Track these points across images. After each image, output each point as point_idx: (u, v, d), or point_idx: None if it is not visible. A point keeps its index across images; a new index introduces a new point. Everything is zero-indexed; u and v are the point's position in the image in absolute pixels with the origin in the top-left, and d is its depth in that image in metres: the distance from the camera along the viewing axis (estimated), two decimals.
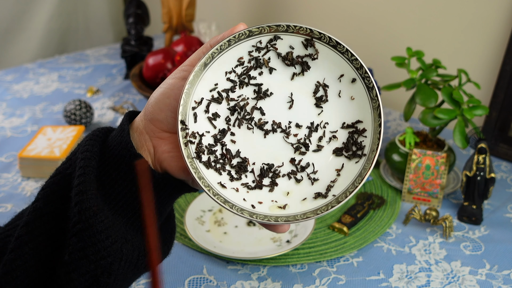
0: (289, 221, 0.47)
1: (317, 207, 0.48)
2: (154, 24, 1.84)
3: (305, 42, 0.50)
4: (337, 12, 1.39)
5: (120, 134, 0.50)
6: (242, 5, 1.66)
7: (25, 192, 0.96)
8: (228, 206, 0.47)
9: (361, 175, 0.48)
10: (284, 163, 0.51)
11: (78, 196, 0.45)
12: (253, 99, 0.51)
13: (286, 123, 0.51)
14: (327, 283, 0.75)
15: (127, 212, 0.49)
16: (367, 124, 0.50)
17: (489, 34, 1.13)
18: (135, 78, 1.21)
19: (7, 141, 1.13)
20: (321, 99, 0.51)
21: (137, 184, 0.48)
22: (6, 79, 1.45)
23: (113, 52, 1.68)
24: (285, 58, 0.51)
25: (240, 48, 0.50)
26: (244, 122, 0.51)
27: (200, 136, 0.49)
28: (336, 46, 0.49)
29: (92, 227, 0.45)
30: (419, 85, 0.92)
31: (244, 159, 0.51)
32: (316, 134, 0.51)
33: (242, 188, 0.50)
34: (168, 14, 1.46)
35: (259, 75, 0.51)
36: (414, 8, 1.24)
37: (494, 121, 1.08)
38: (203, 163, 0.49)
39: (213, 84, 0.50)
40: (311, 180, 0.50)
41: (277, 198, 0.50)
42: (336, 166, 0.50)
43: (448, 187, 0.97)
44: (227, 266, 0.78)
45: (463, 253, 0.81)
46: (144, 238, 0.50)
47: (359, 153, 0.50)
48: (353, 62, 0.49)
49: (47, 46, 1.87)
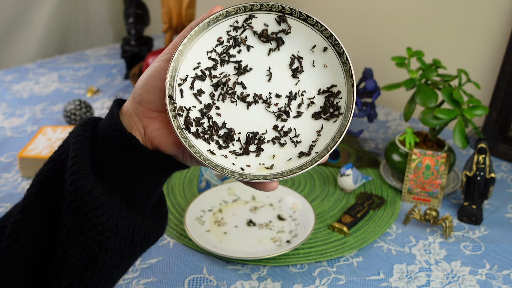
0: (276, 177, 0.50)
1: (302, 164, 0.51)
2: (154, 24, 1.84)
3: (278, 19, 0.54)
4: (337, 12, 1.39)
5: (110, 118, 0.51)
6: None
7: (25, 192, 0.96)
8: (219, 170, 0.50)
9: (340, 131, 0.52)
10: (268, 130, 0.55)
11: (72, 175, 0.47)
12: (234, 75, 0.55)
13: (266, 94, 0.55)
14: (327, 283, 0.75)
15: (121, 190, 0.50)
16: (341, 87, 0.53)
17: (489, 34, 1.13)
18: (135, 78, 1.21)
19: (7, 141, 1.13)
20: (297, 70, 0.55)
21: (129, 163, 0.50)
22: (6, 79, 1.45)
23: (113, 52, 1.68)
24: (261, 36, 0.55)
25: (218, 28, 0.54)
26: (228, 96, 0.55)
27: (187, 110, 0.52)
28: (307, 19, 0.54)
29: (87, 203, 0.46)
30: (419, 85, 0.92)
31: (230, 129, 0.54)
32: (295, 102, 0.55)
33: (230, 155, 0.53)
34: (168, 14, 1.46)
35: (238, 53, 0.55)
36: (414, 8, 1.24)
37: (494, 121, 1.08)
38: (192, 133, 0.52)
39: (196, 63, 0.54)
40: (294, 143, 0.54)
41: (264, 161, 0.53)
42: (316, 128, 0.54)
43: (448, 187, 0.97)
44: (227, 266, 0.78)
45: (463, 253, 0.81)
46: (137, 215, 0.52)
47: (336, 113, 0.53)
48: (323, 32, 0.53)
49: (47, 46, 1.87)
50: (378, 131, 1.20)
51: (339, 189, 0.97)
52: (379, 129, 1.21)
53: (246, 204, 0.92)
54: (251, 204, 0.92)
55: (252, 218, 0.88)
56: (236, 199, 0.93)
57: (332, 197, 0.95)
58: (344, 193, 0.96)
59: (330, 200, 0.94)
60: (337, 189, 0.97)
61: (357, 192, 0.96)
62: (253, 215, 0.89)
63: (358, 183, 0.95)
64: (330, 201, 0.94)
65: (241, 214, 0.89)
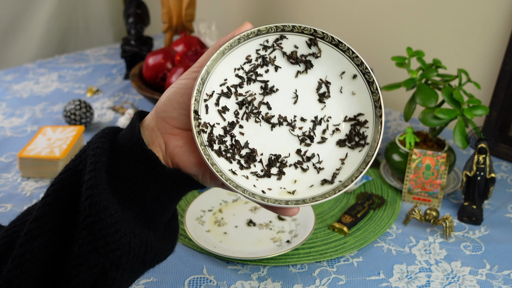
0: (298, 204, 0.49)
1: (325, 192, 0.50)
2: (154, 24, 1.84)
3: (309, 42, 0.53)
4: (337, 12, 1.39)
5: (131, 131, 0.51)
6: (242, 5, 1.66)
7: (25, 192, 0.96)
8: (240, 191, 0.49)
9: (365, 161, 0.51)
10: (291, 154, 0.54)
11: (89, 190, 0.46)
12: (260, 95, 0.54)
13: (291, 117, 0.54)
14: (327, 283, 0.75)
15: (136, 207, 0.50)
16: (368, 116, 0.53)
17: (489, 34, 1.13)
18: (135, 78, 1.21)
19: (7, 141, 1.13)
20: (324, 95, 0.54)
21: (147, 180, 0.50)
22: (6, 79, 1.45)
23: (113, 52, 1.68)
24: (290, 57, 0.54)
25: (248, 46, 0.53)
26: (252, 115, 0.54)
27: (211, 127, 0.52)
28: (338, 45, 0.53)
29: (102, 220, 0.46)
30: (419, 85, 0.92)
31: (252, 150, 0.53)
32: (320, 127, 0.54)
33: (252, 176, 0.52)
34: (168, 14, 1.45)
35: (265, 73, 0.54)
36: (414, 8, 1.24)
37: (494, 121, 1.08)
38: (214, 151, 0.51)
39: (223, 79, 0.53)
40: (317, 169, 0.53)
41: (286, 185, 0.52)
42: (340, 156, 0.53)
43: (448, 187, 0.96)
44: (227, 266, 0.78)
45: (463, 253, 0.81)
46: (150, 233, 0.51)
47: (361, 143, 0.52)
48: (354, 59, 0.52)
49: (47, 46, 1.86)
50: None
51: None
52: None
53: (246, 204, 0.92)
54: (251, 204, 0.92)
55: (252, 218, 0.88)
56: (236, 199, 0.93)
57: None
58: (344, 193, 0.96)
59: (330, 200, 0.94)
60: None
61: (357, 192, 0.96)
62: (253, 215, 0.89)
63: (358, 183, 0.95)
64: (330, 201, 0.94)
65: (241, 214, 0.89)
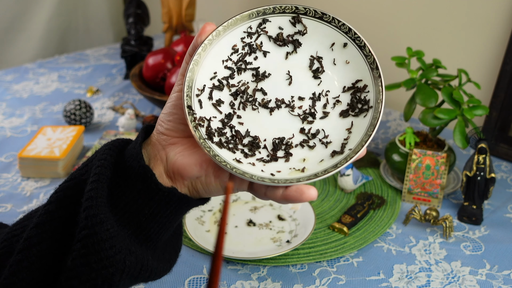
0: (311, 179, 0.46)
1: (336, 162, 0.48)
2: (154, 24, 1.84)
3: (293, 20, 0.52)
4: (337, 12, 1.39)
5: (134, 146, 0.50)
6: (242, 5, 1.66)
7: (25, 192, 0.96)
8: (248, 177, 0.47)
9: (373, 124, 0.49)
10: (295, 134, 0.52)
11: (87, 201, 0.45)
12: (253, 82, 0.53)
13: (288, 98, 0.53)
14: (327, 283, 0.75)
15: (132, 224, 0.49)
16: (367, 80, 0.51)
17: (489, 34, 1.13)
18: (135, 78, 1.21)
19: (7, 141, 1.13)
20: (318, 71, 0.53)
21: (142, 197, 0.48)
22: (6, 79, 1.45)
23: (113, 52, 1.68)
24: (276, 40, 0.53)
25: (232, 36, 0.52)
26: (248, 104, 0.52)
27: (208, 121, 0.50)
28: (322, 17, 0.52)
29: (97, 234, 0.44)
30: (419, 85, 0.92)
31: (255, 137, 0.51)
32: (320, 103, 0.52)
33: (258, 162, 0.50)
34: (168, 14, 1.45)
35: (254, 60, 0.53)
36: (414, 8, 1.24)
37: (494, 121, 1.08)
38: (215, 143, 0.49)
39: (212, 73, 0.52)
40: (324, 144, 0.51)
41: (295, 165, 0.50)
42: (345, 126, 0.51)
43: (448, 187, 0.96)
44: (227, 266, 0.78)
45: (463, 253, 0.81)
46: (147, 251, 0.50)
47: (365, 108, 0.50)
48: (341, 28, 0.51)
49: (47, 46, 1.86)
50: (378, 131, 1.20)
51: (339, 189, 0.97)
52: (379, 129, 1.21)
53: (246, 204, 0.92)
54: (251, 204, 0.92)
55: (252, 218, 0.88)
56: (236, 199, 0.93)
57: (332, 197, 0.95)
58: (344, 193, 0.96)
59: (330, 200, 0.94)
60: (337, 189, 0.97)
61: (357, 192, 0.96)
62: (253, 215, 0.89)
63: (358, 183, 0.95)
64: (330, 201, 0.94)
65: (241, 214, 0.89)
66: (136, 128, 1.16)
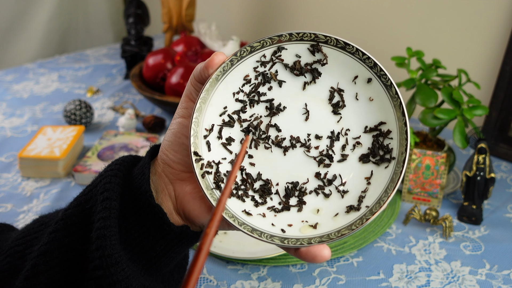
0: (323, 241, 0.43)
1: (351, 222, 0.44)
2: (154, 24, 1.84)
3: (312, 48, 0.47)
4: (337, 12, 1.39)
5: (141, 178, 0.48)
6: (242, 5, 1.66)
7: (25, 192, 0.96)
8: (256, 235, 0.44)
9: (393, 181, 0.45)
10: (309, 179, 0.48)
11: (99, 240, 0.44)
12: (266, 117, 0.49)
13: (305, 136, 0.48)
14: (327, 283, 0.75)
15: (141, 259, 0.48)
16: (391, 125, 0.46)
17: (489, 34, 1.13)
18: (135, 78, 1.21)
19: (7, 141, 1.13)
20: (338, 105, 0.48)
21: (153, 234, 0.47)
22: (6, 79, 1.45)
23: (113, 52, 1.68)
24: (293, 68, 0.48)
25: (244, 66, 0.47)
26: (261, 142, 0.48)
27: (216, 165, 0.47)
28: (345, 47, 0.46)
29: (112, 275, 0.43)
30: (419, 85, 0.92)
31: (266, 181, 0.48)
32: (339, 143, 0.48)
33: (269, 212, 0.47)
34: (168, 14, 1.46)
35: (268, 90, 0.48)
36: (414, 8, 1.24)
37: (494, 121, 1.08)
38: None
39: (222, 108, 0.48)
40: (341, 193, 0.47)
41: (307, 218, 0.46)
42: (365, 174, 0.47)
43: (448, 187, 0.97)
44: (227, 266, 0.78)
45: (463, 253, 0.81)
46: (158, 279, 0.50)
47: (387, 157, 0.46)
48: (365, 61, 0.46)
49: (47, 46, 1.87)
50: None
51: None
52: None
53: None
54: None
55: None
56: None
57: None
58: None
59: None
60: None
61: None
62: None
63: None
64: None
65: None
66: (136, 128, 1.16)
